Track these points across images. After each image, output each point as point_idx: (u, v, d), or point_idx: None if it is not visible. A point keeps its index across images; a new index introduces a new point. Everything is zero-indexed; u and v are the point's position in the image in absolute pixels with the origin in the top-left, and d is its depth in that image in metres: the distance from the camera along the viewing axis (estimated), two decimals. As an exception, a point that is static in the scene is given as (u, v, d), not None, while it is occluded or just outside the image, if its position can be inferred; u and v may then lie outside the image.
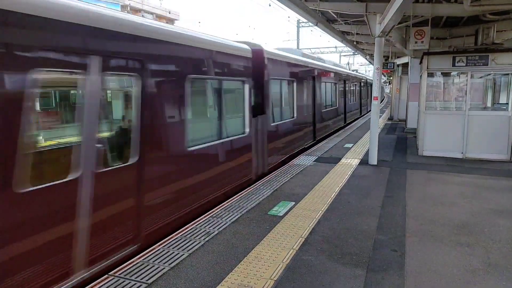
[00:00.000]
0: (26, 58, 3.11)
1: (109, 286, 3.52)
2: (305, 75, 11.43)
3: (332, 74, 15.53)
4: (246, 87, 7.24)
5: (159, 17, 38.70)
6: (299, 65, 10.90)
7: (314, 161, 9.43)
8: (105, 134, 4.11)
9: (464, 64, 9.58)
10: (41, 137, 3.65)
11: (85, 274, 3.71)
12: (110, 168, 4.00)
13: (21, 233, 3.12)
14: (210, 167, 6.01)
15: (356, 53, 23.44)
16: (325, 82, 14.21)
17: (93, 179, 3.73)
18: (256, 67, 7.64)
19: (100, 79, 3.82)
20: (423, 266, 3.95)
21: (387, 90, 59.15)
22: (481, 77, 10.95)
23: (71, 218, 3.54)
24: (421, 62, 11.29)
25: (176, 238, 4.61)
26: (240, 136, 7.08)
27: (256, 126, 7.71)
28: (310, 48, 41.24)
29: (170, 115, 4.93)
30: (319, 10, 11.47)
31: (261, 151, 8.07)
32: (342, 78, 17.99)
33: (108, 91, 4.29)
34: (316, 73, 12.58)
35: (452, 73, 10.49)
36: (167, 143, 4.90)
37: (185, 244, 4.45)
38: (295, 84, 10.47)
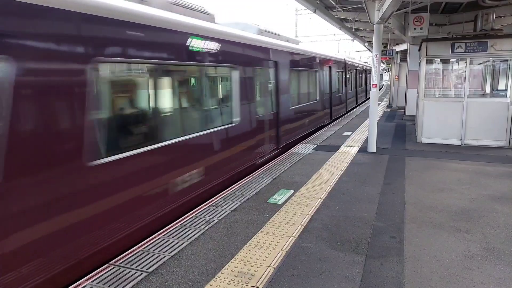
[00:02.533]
0: None
1: (110, 274, 3.54)
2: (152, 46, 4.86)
3: (257, 53, 8.28)
4: None
5: None
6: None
7: (313, 149, 9.43)
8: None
9: (463, 51, 9.53)
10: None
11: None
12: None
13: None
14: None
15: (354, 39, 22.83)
16: (245, 67, 7.50)
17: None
18: None
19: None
20: (421, 252, 3.98)
21: (385, 78, 58.88)
22: (480, 64, 10.90)
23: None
24: (420, 49, 11.22)
25: (176, 227, 4.63)
26: None
27: None
28: (308, 36, 40.96)
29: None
30: (317, -3, 11.36)
31: None
32: (291, 60, 10.35)
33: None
34: (198, 48, 5.81)
35: (451, 60, 10.44)
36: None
37: (185, 233, 4.47)
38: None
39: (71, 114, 3.69)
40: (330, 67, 15.03)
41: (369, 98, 9.06)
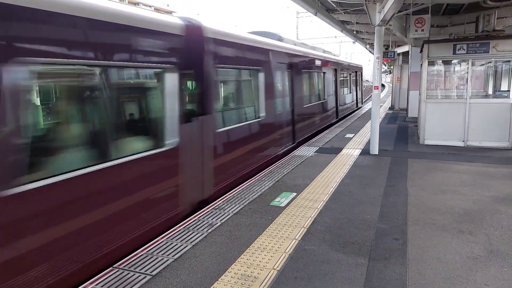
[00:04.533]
0: None
1: (114, 278, 3.56)
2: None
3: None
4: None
5: (156, 10, 38.47)
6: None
7: (315, 151, 9.43)
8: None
9: (465, 52, 9.52)
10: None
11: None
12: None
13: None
14: None
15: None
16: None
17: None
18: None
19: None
20: (425, 254, 3.97)
21: (387, 79, 58.77)
22: (482, 65, 10.89)
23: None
24: (421, 51, 11.22)
25: (179, 230, 4.64)
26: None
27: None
28: (309, 38, 41.10)
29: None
30: (318, 0, 11.39)
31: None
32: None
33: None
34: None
35: (453, 61, 10.43)
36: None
37: (188, 236, 4.48)
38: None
39: None
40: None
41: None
